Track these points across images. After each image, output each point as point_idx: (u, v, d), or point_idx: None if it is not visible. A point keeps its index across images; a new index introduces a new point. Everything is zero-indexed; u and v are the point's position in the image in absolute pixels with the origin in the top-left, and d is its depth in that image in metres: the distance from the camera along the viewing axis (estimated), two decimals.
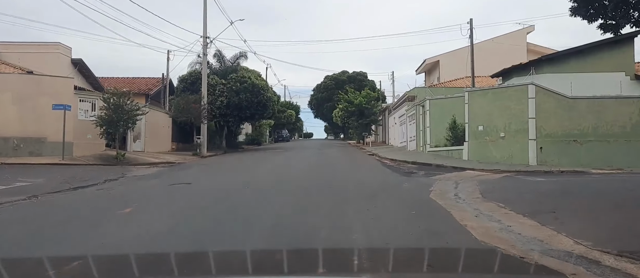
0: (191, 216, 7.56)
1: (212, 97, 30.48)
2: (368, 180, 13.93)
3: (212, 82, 30.81)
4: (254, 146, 43.83)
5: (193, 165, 20.06)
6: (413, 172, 17.12)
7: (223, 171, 16.89)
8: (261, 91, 31.40)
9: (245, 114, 31.46)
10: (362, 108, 40.74)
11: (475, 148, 21.17)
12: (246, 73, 31.97)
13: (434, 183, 13.17)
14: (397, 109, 36.92)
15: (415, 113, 27.56)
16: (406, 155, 24.59)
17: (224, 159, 24.00)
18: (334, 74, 75.83)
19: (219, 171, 17.17)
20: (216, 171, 17.21)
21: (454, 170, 18.26)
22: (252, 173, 15.72)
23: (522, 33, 38.28)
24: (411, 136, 29.26)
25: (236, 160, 23.25)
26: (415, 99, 31.13)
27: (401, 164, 21.17)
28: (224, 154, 30.52)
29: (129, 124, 20.53)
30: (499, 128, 20.45)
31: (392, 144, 38.33)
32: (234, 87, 30.90)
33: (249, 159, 23.57)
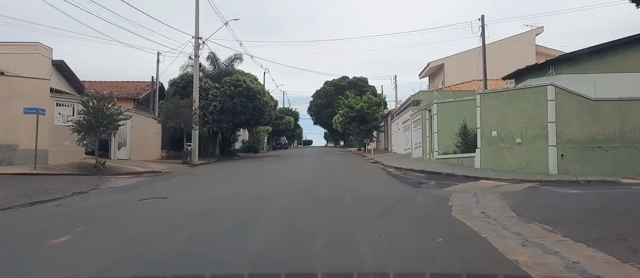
0: (145, 246, 5.72)
1: (204, 102, 28.72)
2: (374, 192, 12.11)
3: (204, 85, 29.07)
4: (250, 154, 42.01)
5: (179, 175, 18.23)
6: (423, 182, 15.30)
7: (210, 182, 15.05)
8: (257, 96, 29.64)
9: (239, 119, 29.67)
10: (364, 114, 38.99)
11: (488, 155, 19.39)
12: (241, 76, 30.23)
13: (450, 196, 11.36)
14: (400, 115, 35.15)
15: (421, 117, 25.79)
16: (412, 163, 22.78)
17: (215, 168, 22.17)
18: (334, 79, 74.29)
19: (205, 182, 15.32)
20: (202, 182, 15.36)
21: (467, 180, 16.53)
22: (241, 184, 13.88)
23: (531, 35, 36.65)
24: (416, 142, 27.46)
25: (228, 169, 21.42)
26: (421, 103, 29.37)
27: (408, 173, 19.39)
28: (217, 162, 28.69)
29: (110, 129, 18.72)
30: (514, 133, 18.67)
31: (395, 151, 36.52)
32: (228, 91, 29.15)
33: (242, 168, 21.73)
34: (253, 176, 16.87)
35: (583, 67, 20.27)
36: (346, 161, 27.64)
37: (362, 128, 39.63)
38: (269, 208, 8.77)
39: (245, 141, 47.76)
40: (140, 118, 24.96)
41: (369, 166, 23.68)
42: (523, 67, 22.49)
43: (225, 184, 14.16)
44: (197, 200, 10.19)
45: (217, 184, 14.45)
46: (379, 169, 21.32)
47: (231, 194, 11.01)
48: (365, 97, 40.57)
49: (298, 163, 23.94)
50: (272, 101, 33.31)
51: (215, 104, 28.85)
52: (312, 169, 19.60)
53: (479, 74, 36.12)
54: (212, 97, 28.93)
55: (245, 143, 46.54)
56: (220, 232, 6.45)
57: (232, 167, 22.50)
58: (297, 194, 11.14)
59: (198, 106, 26.04)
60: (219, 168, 21.82)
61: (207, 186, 13.56)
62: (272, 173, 18.16)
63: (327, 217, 7.64)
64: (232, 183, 14.41)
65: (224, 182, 14.84)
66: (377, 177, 16.94)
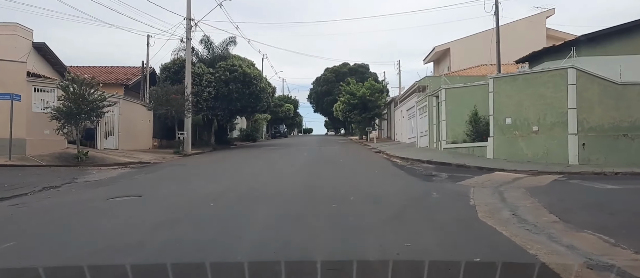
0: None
1: (198, 88, 27.17)
2: (382, 188, 10.67)
3: (198, 71, 27.50)
4: (248, 143, 40.55)
5: (167, 166, 16.79)
6: (433, 175, 13.87)
7: (198, 176, 13.61)
8: (253, 81, 28.08)
9: (235, 106, 28.15)
10: (366, 101, 37.42)
11: (501, 144, 17.95)
12: (237, 61, 28.64)
13: (468, 191, 9.94)
14: (404, 102, 33.61)
15: (428, 104, 24.27)
16: (419, 153, 21.33)
17: (208, 159, 20.72)
18: (335, 66, 72.46)
19: (193, 174, 13.89)
20: (190, 174, 13.93)
21: (481, 172, 15.15)
22: (233, 177, 12.46)
23: (541, 17, 34.94)
24: (422, 130, 25.98)
25: (221, 159, 19.99)
26: (427, 89, 27.82)
27: (415, 163, 17.96)
28: (211, 152, 27.23)
29: (92, 117, 17.26)
30: (531, 120, 17.23)
31: (398, 140, 35.05)
32: (223, 77, 27.58)
33: (236, 159, 20.32)
34: (246, 168, 15.41)
35: (606, 48, 18.71)
36: (348, 150, 26.19)
37: (364, 115, 38.11)
38: (257, 212, 7.31)
39: (243, 129, 46.27)
40: (129, 104, 23.46)
41: (372, 156, 22.23)
42: (539, 50, 20.93)
43: (213, 178, 12.72)
44: (175, 199, 8.75)
45: (204, 178, 13.01)
46: (384, 160, 19.88)
47: (217, 191, 9.56)
48: (367, 83, 38.98)
49: (297, 153, 22.51)
50: (270, 88, 31.75)
51: (210, 91, 27.31)
52: (312, 160, 18.15)
53: (487, 58, 34.53)
54: (206, 83, 27.38)
55: (243, 132, 45.05)
56: (184, 252, 4.96)
57: (226, 157, 21.06)
58: (293, 192, 9.70)
59: (191, 92, 24.51)
60: (211, 159, 20.38)
61: (193, 181, 12.13)
62: (267, 164, 16.69)
63: (329, 225, 6.19)
64: (222, 176, 12.98)
65: (213, 175, 13.39)
66: (383, 169, 15.49)
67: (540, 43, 32.47)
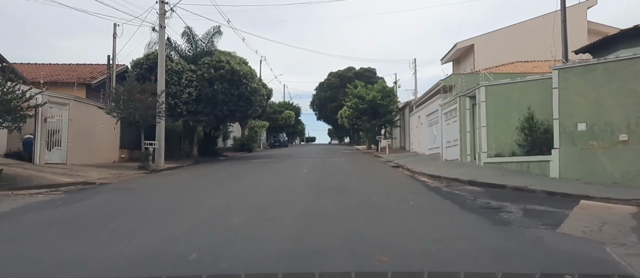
0: None
1: (176, 88, 22.46)
2: (435, 242, 5.80)
3: (176, 68, 22.81)
4: (242, 154, 35.77)
5: (114, 191, 11.94)
6: (496, 208, 9.02)
7: (144, 211, 8.76)
8: (243, 80, 23.32)
9: (221, 111, 23.37)
10: (376, 105, 32.64)
11: (572, 158, 13.11)
12: (224, 57, 23.94)
13: (593, 250, 5.15)
14: (423, 106, 28.76)
15: (458, 107, 19.41)
16: (451, 169, 16.46)
17: (179, 178, 15.90)
18: (339, 70, 67.89)
19: (137, 208, 9.04)
20: (132, 208, 9.10)
21: (558, 199, 10.53)
22: (184, 219, 7.63)
23: (582, 8, 30.14)
24: (449, 140, 21.09)
25: (195, 180, 15.15)
26: (454, 89, 22.98)
27: (453, 185, 13.17)
28: (191, 165, 22.43)
29: (7, 121, 12.51)
30: (616, 126, 12.47)
31: (415, 150, 30.14)
32: (206, 75, 22.87)
33: (218, 177, 15.48)
34: (222, 196, 10.49)
35: None
36: (358, 164, 21.30)
37: (374, 122, 33.29)
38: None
39: (237, 138, 41.52)
40: (83, 107, 18.70)
41: (391, 172, 17.34)
42: (611, 34, 16.10)
43: (163, 217, 7.86)
44: None
45: (151, 216, 8.17)
46: (408, 179, 15.00)
47: (147, 253, 4.78)
48: (377, 86, 34.21)
49: (295, 168, 17.63)
50: (264, 90, 26.94)
51: (190, 92, 22.58)
52: (314, 181, 13.25)
53: (516, 55, 29.80)
54: (186, 82, 22.66)
55: (237, 141, 40.29)
56: None
57: (205, 176, 16.20)
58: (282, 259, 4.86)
59: (164, 91, 19.80)
60: (183, 178, 15.53)
61: (125, 223, 7.31)
62: (254, 187, 11.69)
63: None
64: (179, 214, 8.15)
65: (165, 212, 8.55)
66: (416, 196, 10.57)
67: (580, 37, 27.72)
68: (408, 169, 17.86)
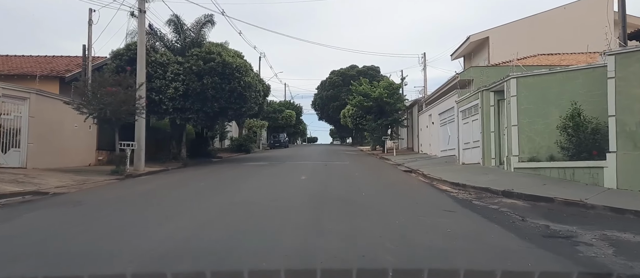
0: None
1: (161, 82, 20.03)
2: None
3: (161, 59, 20.38)
4: (238, 155, 33.33)
5: (56, 206, 9.45)
6: (553, 231, 6.70)
7: (84, 234, 6.28)
8: (236, 74, 20.84)
9: (212, 108, 20.90)
10: (383, 103, 30.13)
11: (633, 164, 10.62)
12: (215, 48, 21.49)
13: None
14: (433, 104, 26.27)
15: (481, 103, 16.91)
16: (475, 175, 13.98)
17: (157, 184, 13.47)
18: (342, 68, 65.43)
19: (76, 231, 6.56)
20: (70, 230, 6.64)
21: (636, 218, 8.17)
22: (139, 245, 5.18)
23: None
24: (468, 141, 18.61)
25: (175, 187, 12.69)
26: (471, 84, 20.55)
27: (484, 196, 10.78)
28: (180, 168, 20.02)
29: None
30: None
31: (425, 152, 27.64)
32: (195, 68, 20.42)
33: (199, 186, 12.99)
34: (189, 216, 7.96)
35: None
36: (365, 169, 18.81)
37: (380, 122, 30.77)
38: None
39: (234, 138, 39.11)
40: (47, 103, 16.25)
41: (405, 179, 14.85)
42: None
43: (70, 258, 5.31)
44: None
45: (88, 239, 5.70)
46: (428, 189, 12.50)
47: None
48: (383, 82, 31.69)
49: (293, 175, 15.12)
50: (260, 85, 24.45)
51: (177, 86, 20.14)
52: (314, 192, 10.74)
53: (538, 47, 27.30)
54: (172, 76, 20.22)
55: (234, 141, 37.88)
56: None
57: (185, 184, 13.71)
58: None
59: (144, 84, 17.39)
60: (158, 186, 13.03)
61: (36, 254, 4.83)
62: (233, 207, 8.81)
63: None
64: (141, 231, 5.72)
65: (125, 226, 6.12)
66: (451, 219, 8.02)
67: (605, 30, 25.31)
68: (423, 175, 15.38)
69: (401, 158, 24.94)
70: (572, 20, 27.89)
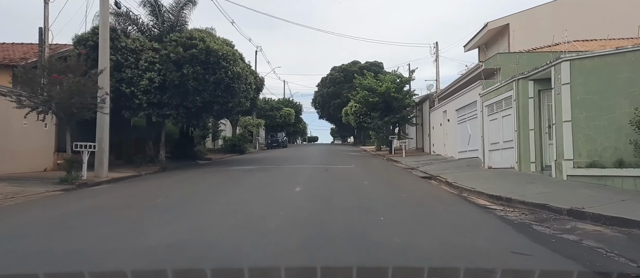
0: None
1: (133, 72, 17.04)
2: None
3: (132, 45, 17.39)
4: (232, 156, 30.31)
5: None
6: None
7: None
8: (222, 63, 17.83)
9: (193, 102, 17.88)
10: (390, 99, 27.09)
11: None
12: (198, 33, 18.48)
13: None
14: (448, 100, 23.22)
15: (515, 95, 13.87)
16: (515, 184, 10.99)
17: (107, 199, 10.47)
18: (343, 64, 62.42)
19: None
20: None
21: None
22: None
23: None
24: (497, 141, 15.59)
25: (122, 205, 9.58)
26: (499, 74, 17.54)
27: (542, 217, 7.99)
28: (155, 173, 17.06)
29: None
30: None
31: (437, 152, 24.60)
32: (173, 55, 17.43)
33: (159, 201, 9.90)
34: (104, 257, 5.00)
35: None
36: (374, 174, 15.76)
37: (387, 119, 27.73)
38: None
39: (227, 138, 36.12)
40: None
41: (428, 190, 11.78)
42: None
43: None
44: None
45: None
46: (462, 204, 9.47)
47: None
48: (391, 75, 28.63)
49: (286, 184, 12.04)
50: (252, 77, 21.39)
51: (151, 77, 17.14)
52: (310, 214, 7.64)
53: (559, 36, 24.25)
54: (146, 64, 17.23)
55: (227, 141, 34.86)
56: None
57: (145, 198, 10.63)
58: None
59: (107, 71, 14.37)
60: (106, 203, 9.93)
61: None
62: (181, 248, 5.75)
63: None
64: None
65: None
66: (527, 261, 5.03)
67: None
68: (448, 183, 12.35)
69: (412, 160, 21.91)
70: (601, 5, 24.98)
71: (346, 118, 46.72)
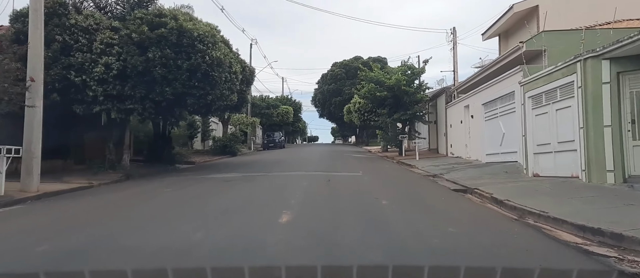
0: None
1: (84, 56, 13.55)
2: None
3: (84, 23, 13.89)
4: (221, 158, 26.84)
5: None
6: None
7: None
8: (198, 46, 14.34)
9: (163, 94, 14.35)
10: (400, 93, 23.61)
11: None
12: (169, 12, 14.95)
13: None
14: (471, 93, 19.69)
15: (582, 80, 10.33)
16: (604, 206, 7.49)
17: (10, 228, 6.92)
18: (345, 60, 58.93)
19: None
20: None
21: None
22: None
23: None
24: (549, 141, 12.06)
25: (16, 244, 6.05)
26: (545, 56, 14.07)
27: None
28: (115, 183, 13.61)
29: None
30: None
31: (458, 154, 21.06)
32: (136, 36, 13.95)
33: (73, 235, 6.41)
34: None
35: None
36: (391, 185, 12.25)
37: (397, 116, 24.24)
38: None
39: (217, 138, 32.65)
40: None
41: (475, 212, 8.26)
42: None
43: None
44: None
45: None
46: (543, 240, 5.94)
47: None
48: (401, 67, 25.12)
49: (268, 208, 8.44)
50: (238, 65, 17.82)
51: (109, 62, 13.67)
52: (305, 269, 4.19)
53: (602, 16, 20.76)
54: (101, 47, 13.74)
55: (217, 142, 31.38)
56: None
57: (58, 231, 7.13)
58: None
59: (40, 52, 10.88)
60: None
61: None
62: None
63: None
64: None
65: None
66: None
67: None
68: (496, 201, 8.86)
69: (429, 164, 18.41)
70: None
71: (348, 116, 43.28)
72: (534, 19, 22.87)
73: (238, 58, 18.98)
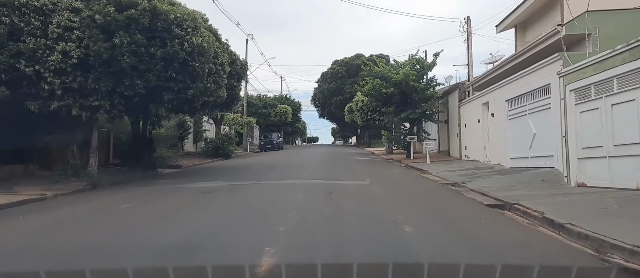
0: None
1: (37, 43, 11.29)
2: None
3: (36, 2, 11.60)
4: (213, 161, 24.63)
5: None
6: None
7: None
8: (176, 31, 12.12)
9: (133, 87, 12.10)
10: (408, 89, 21.36)
11: None
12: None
13: None
14: (490, 88, 17.39)
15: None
16: None
17: None
18: (345, 58, 56.65)
19: None
20: None
21: None
22: None
23: None
24: (599, 143, 9.80)
25: None
26: (589, 41, 11.87)
27: None
28: (77, 192, 11.44)
29: None
30: None
31: (474, 158, 18.78)
32: (100, 18, 11.70)
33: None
34: None
35: None
36: (407, 198, 10.02)
37: (405, 115, 21.98)
38: None
39: (208, 139, 30.43)
40: None
41: (527, 241, 6.01)
42: None
43: None
44: None
45: None
46: None
47: None
48: (409, 61, 22.86)
49: (252, 234, 6.30)
50: (225, 56, 15.55)
51: (67, 49, 11.43)
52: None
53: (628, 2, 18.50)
54: (58, 31, 11.50)
55: (210, 143, 29.14)
56: None
57: None
58: None
59: None
60: None
61: None
62: None
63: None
64: None
65: None
66: None
67: None
68: (551, 223, 6.66)
69: (444, 168, 16.16)
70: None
71: (350, 115, 41.05)
72: (558, 7, 20.59)
73: (227, 49, 16.72)
